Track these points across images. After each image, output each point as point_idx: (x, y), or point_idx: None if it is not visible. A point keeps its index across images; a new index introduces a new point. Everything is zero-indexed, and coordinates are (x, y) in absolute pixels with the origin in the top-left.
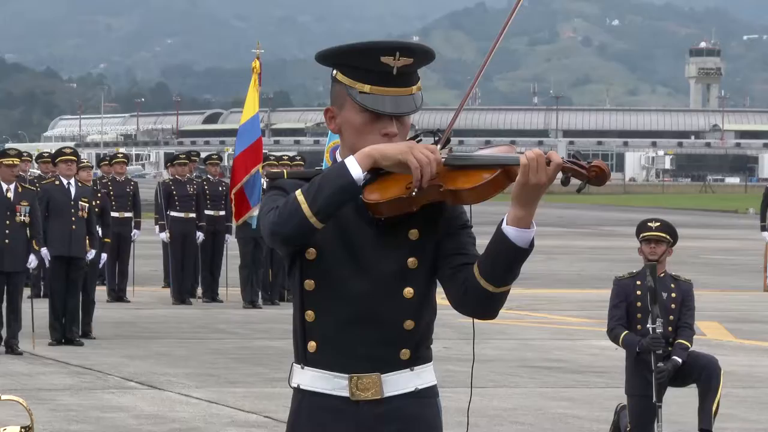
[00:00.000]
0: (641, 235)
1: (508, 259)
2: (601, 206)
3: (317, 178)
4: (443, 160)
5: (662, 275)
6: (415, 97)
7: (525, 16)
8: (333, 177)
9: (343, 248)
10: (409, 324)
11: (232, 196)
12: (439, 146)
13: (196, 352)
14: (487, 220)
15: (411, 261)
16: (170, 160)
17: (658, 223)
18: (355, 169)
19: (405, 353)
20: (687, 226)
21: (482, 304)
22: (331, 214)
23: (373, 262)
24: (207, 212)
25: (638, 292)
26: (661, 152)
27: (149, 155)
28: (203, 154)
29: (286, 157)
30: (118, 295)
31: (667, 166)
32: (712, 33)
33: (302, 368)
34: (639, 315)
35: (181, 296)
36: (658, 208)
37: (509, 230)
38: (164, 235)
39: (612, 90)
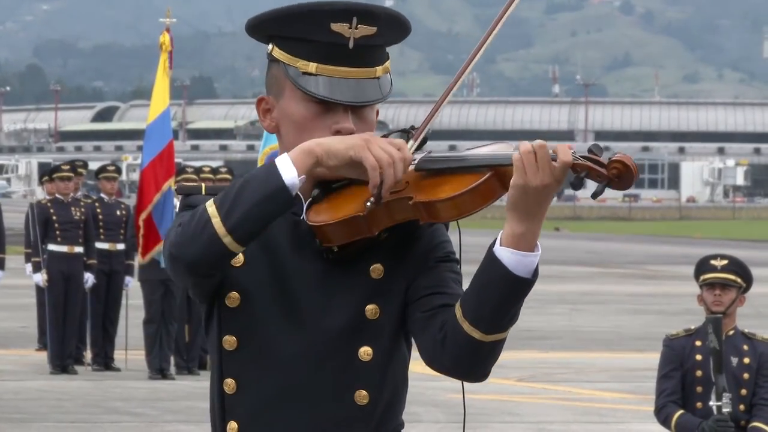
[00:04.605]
0: (702, 278)
1: (501, 294)
2: (647, 237)
3: (237, 182)
4: (414, 164)
5: (731, 333)
6: (382, 82)
7: None
8: (257, 182)
9: (277, 292)
10: (362, 397)
11: (140, 224)
12: (411, 146)
13: None
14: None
15: (371, 309)
16: (47, 172)
17: (726, 261)
18: (289, 170)
19: None
20: (766, 264)
21: (466, 358)
22: (252, 233)
23: (318, 312)
24: (100, 245)
25: (698, 357)
26: (731, 162)
27: (17, 166)
28: (93, 165)
29: (207, 169)
30: None
31: (740, 181)
32: None
33: None
34: (699, 388)
35: (63, 362)
36: (726, 240)
37: (503, 253)
38: (39, 277)
39: (662, 75)
